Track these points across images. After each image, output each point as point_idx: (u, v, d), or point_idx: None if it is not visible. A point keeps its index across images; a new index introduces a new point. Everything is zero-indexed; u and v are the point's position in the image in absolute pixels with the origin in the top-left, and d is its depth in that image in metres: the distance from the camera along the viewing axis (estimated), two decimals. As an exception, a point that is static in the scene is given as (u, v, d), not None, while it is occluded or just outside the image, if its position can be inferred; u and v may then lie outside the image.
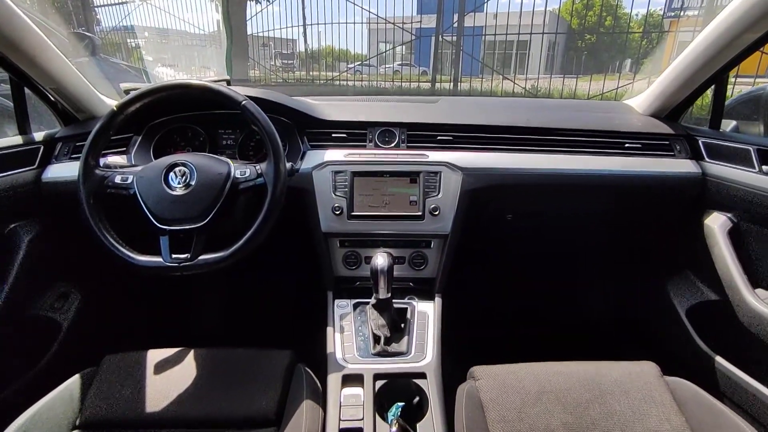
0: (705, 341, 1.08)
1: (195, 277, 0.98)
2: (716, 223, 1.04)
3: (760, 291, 0.97)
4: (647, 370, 0.91)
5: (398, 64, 10.16)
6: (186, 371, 0.90)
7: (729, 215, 1.03)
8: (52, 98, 1.08)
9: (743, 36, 0.88)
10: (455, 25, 6.69)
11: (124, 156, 1.09)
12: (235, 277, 1.39)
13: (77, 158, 1.08)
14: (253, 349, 0.94)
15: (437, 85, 7.09)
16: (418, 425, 0.79)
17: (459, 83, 6.83)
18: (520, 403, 0.83)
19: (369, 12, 7.05)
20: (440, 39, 6.91)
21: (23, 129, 1.07)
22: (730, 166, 1.02)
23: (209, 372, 0.90)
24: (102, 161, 0.92)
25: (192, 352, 0.94)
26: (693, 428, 0.80)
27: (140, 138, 1.12)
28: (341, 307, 1.04)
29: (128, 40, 8.16)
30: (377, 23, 7.07)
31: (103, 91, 1.20)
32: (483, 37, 7.01)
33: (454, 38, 6.83)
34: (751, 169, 0.97)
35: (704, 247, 1.07)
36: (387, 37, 7.52)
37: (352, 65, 9.23)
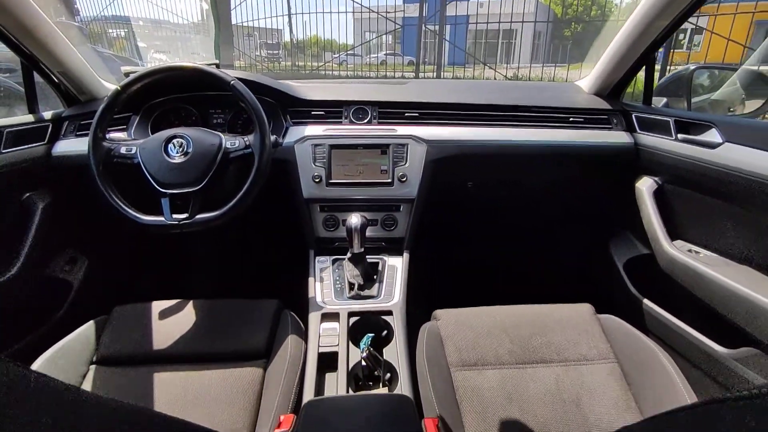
0: (636, 287, 1.26)
1: (191, 238, 1.11)
2: (645, 186, 1.21)
3: (677, 242, 1.15)
4: (584, 309, 1.08)
5: (384, 54, 10.22)
6: (187, 318, 1.04)
7: (655, 178, 1.20)
8: (56, 80, 1.20)
9: (656, 23, 1.04)
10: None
11: (124, 133, 1.22)
12: (228, 239, 1.53)
13: (82, 135, 1.21)
14: (244, 299, 1.08)
15: (421, 75, 7.20)
16: (384, 350, 0.95)
17: (442, 72, 6.95)
18: (474, 337, 1.00)
19: (354, 1, 7.10)
20: (423, 28, 6.99)
21: (32, 109, 1.18)
22: (655, 136, 1.19)
23: (207, 318, 1.04)
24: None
25: (191, 303, 1.08)
26: (615, 351, 0.97)
27: (138, 117, 1.24)
28: (321, 262, 1.19)
29: (109, 30, 8.12)
30: (362, 12, 7.14)
31: (100, 76, 1.32)
32: (466, 25, 7.11)
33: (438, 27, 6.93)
34: (669, 137, 1.13)
35: (637, 207, 1.24)
36: (372, 26, 7.58)
37: (338, 55, 9.27)
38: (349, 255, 1.12)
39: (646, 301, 1.20)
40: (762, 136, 0.91)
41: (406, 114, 1.26)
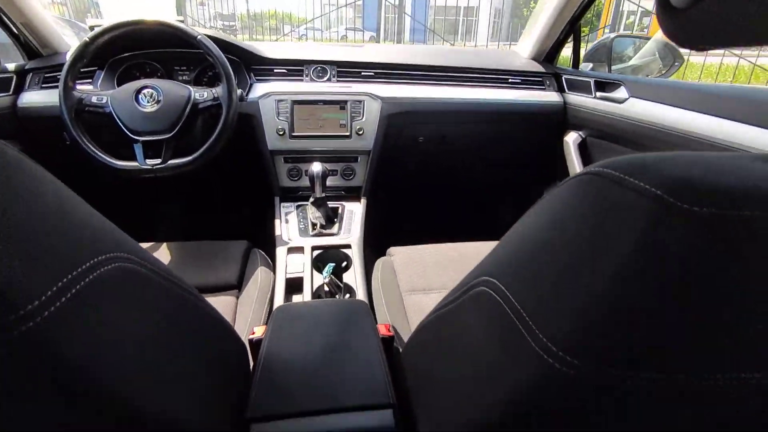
0: None
1: (162, 187, 1.17)
2: (571, 139, 1.39)
3: None
4: None
5: (345, 29, 10.10)
6: (162, 258, 1.12)
7: (580, 132, 1.38)
8: (17, 32, 1.21)
9: (574, -4, 1.20)
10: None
11: (90, 86, 1.26)
12: (198, 189, 1.61)
13: (48, 87, 1.24)
14: (215, 241, 1.18)
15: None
16: (343, 276, 1.08)
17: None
18: (423, 267, 1.15)
19: (312, -28, 6.94)
20: (384, 2, 6.98)
21: None
22: (579, 95, 1.37)
23: (180, 258, 1.13)
24: None
25: (164, 245, 1.17)
26: None
27: (103, 72, 1.28)
28: (286, 207, 1.30)
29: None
30: (321, -17, 7.01)
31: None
32: (427, 1, 7.16)
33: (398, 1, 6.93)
34: (590, 95, 1.31)
35: (566, 158, 1.42)
36: (332, -1, 7.47)
37: (297, 29, 9.08)
38: (311, 200, 1.23)
39: None
40: (657, 91, 1.09)
41: (363, 73, 1.37)
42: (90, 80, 1.26)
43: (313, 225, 1.21)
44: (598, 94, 1.28)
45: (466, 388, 0.42)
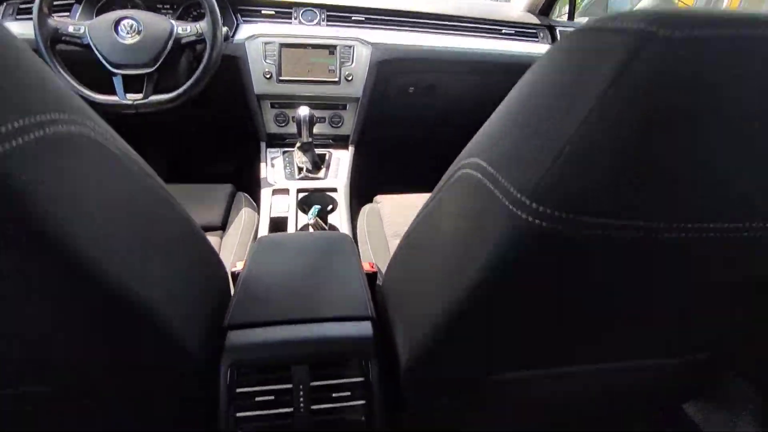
0: None
1: (150, 128, 1.14)
2: None
3: None
4: None
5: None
6: None
7: None
8: None
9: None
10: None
11: (68, 19, 1.20)
12: (186, 133, 1.58)
13: (22, 18, 1.18)
14: (200, 184, 1.16)
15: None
16: (329, 217, 1.08)
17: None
18: (409, 215, 1.13)
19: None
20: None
21: None
22: None
23: None
24: None
25: None
26: None
27: (81, 5, 1.22)
28: (272, 152, 1.28)
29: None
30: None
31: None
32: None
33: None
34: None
35: None
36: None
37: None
38: (298, 144, 1.22)
39: None
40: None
41: (353, 18, 1.33)
42: (68, 14, 1.21)
43: (299, 169, 1.20)
44: (592, 45, 1.25)
45: (442, 274, 0.42)
